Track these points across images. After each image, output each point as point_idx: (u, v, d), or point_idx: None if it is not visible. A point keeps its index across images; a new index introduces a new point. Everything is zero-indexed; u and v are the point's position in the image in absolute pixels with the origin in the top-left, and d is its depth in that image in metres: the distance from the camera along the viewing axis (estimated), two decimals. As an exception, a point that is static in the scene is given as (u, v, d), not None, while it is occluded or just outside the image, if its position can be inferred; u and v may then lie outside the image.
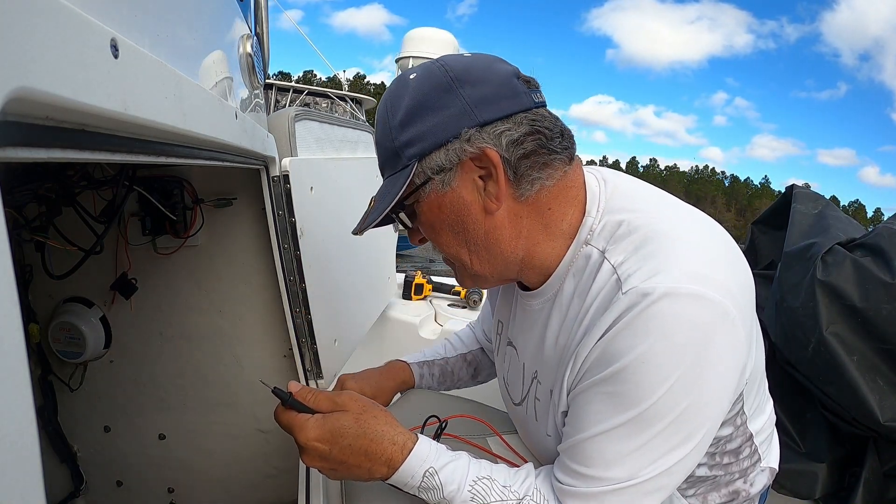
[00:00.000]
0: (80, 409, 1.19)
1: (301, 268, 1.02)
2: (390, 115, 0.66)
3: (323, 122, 1.26)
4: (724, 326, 0.57)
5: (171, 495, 1.27)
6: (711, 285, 0.57)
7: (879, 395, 1.18)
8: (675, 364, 0.57)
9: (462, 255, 0.70)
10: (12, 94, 0.22)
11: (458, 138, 0.63)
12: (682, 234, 0.63)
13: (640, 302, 0.57)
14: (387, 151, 0.67)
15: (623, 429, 0.60)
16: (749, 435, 0.75)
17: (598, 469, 0.62)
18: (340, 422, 0.66)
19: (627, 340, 0.58)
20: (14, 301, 0.22)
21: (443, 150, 0.64)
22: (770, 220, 1.71)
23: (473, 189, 0.65)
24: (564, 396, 0.68)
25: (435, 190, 0.65)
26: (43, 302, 1.12)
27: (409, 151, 0.65)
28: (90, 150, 0.33)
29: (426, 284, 2.09)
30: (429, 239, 0.72)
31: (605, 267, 0.63)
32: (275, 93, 10.53)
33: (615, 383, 0.59)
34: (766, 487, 0.85)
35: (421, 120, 0.64)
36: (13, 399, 0.21)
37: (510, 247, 0.68)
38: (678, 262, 0.58)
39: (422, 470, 0.65)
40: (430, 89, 0.64)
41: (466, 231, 0.67)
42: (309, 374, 1.13)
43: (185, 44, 0.57)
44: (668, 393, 0.57)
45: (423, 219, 0.69)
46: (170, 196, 1.05)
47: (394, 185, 0.66)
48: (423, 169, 0.65)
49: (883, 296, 1.19)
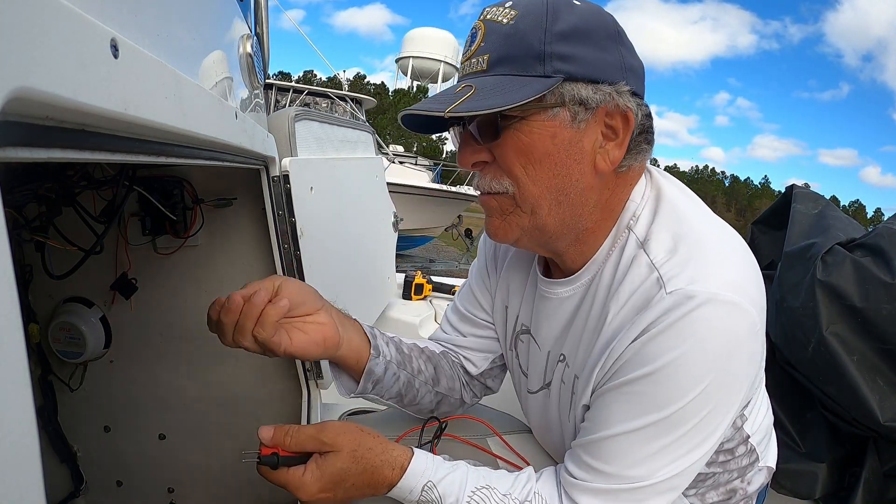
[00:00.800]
0: (80, 409, 1.19)
1: (301, 268, 1.02)
2: (551, 17, 0.59)
3: (323, 122, 1.26)
4: (752, 337, 0.59)
5: (171, 495, 1.27)
6: (746, 296, 0.58)
7: (879, 395, 1.18)
8: (707, 370, 0.57)
9: (541, 198, 0.63)
10: (12, 94, 0.22)
11: (614, 86, 0.61)
12: (718, 241, 0.63)
13: (684, 304, 0.57)
14: (526, 48, 0.59)
15: (648, 430, 0.60)
16: (745, 436, 0.76)
17: (618, 467, 0.62)
18: (337, 466, 0.64)
19: (665, 342, 0.57)
20: (14, 301, 0.22)
21: (592, 87, 0.60)
22: (770, 220, 1.71)
23: (595, 139, 0.62)
24: (589, 391, 0.67)
25: (562, 119, 0.60)
26: (43, 302, 1.12)
27: (558, 64, 0.59)
28: (90, 150, 0.33)
29: (426, 284, 2.09)
30: (503, 166, 0.63)
31: (643, 260, 0.62)
32: (275, 93, 10.52)
33: (647, 384, 0.59)
34: (764, 486, 0.85)
35: (584, 45, 0.60)
36: (13, 399, 0.21)
37: (589, 212, 0.66)
38: (717, 269, 0.59)
39: (419, 485, 0.65)
40: (600, 26, 0.61)
41: (569, 176, 0.62)
42: (309, 374, 1.13)
43: (185, 44, 0.57)
44: (698, 397, 0.58)
45: (520, 141, 0.61)
46: (170, 196, 1.05)
47: (522, 86, 0.58)
48: (563, 91, 0.59)
49: (883, 296, 1.19)
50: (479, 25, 0.63)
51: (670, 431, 0.60)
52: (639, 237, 0.65)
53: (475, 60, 0.62)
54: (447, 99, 0.60)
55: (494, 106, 0.57)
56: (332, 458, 0.64)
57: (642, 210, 0.66)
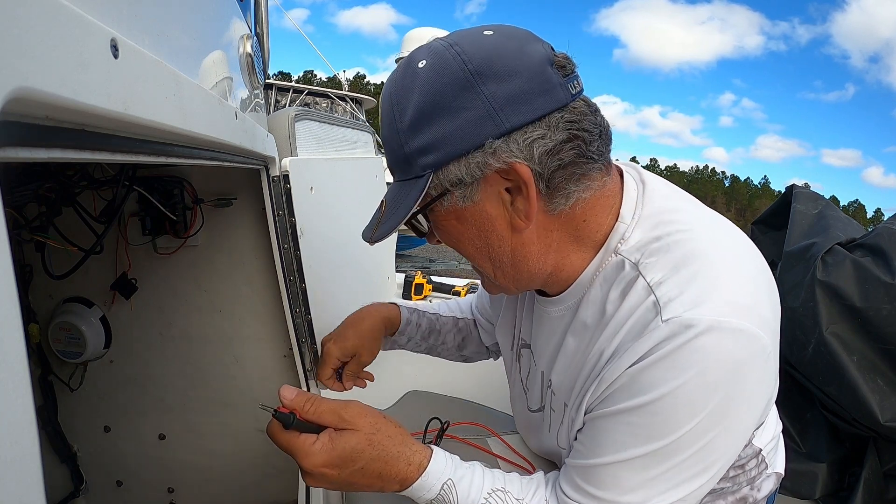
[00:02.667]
0: (80, 409, 1.19)
1: (301, 268, 1.02)
2: (397, 113, 0.57)
3: (323, 122, 1.26)
4: (760, 362, 0.55)
5: (171, 495, 1.27)
6: (754, 318, 0.54)
7: (879, 396, 1.18)
8: (706, 401, 0.54)
9: (485, 267, 0.64)
10: (12, 94, 0.22)
11: (481, 149, 0.54)
12: (722, 254, 0.58)
13: (682, 334, 0.52)
14: (396, 155, 0.59)
15: (643, 459, 0.57)
16: (757, 450, 0.73)
17: (612, 494, 0.60)
18: (351, 444, 0.60)
19: (663, 373, 0.54)
20: (14, 301, 0.22)
21: (462, 163, 0.55)
22: (770, 220, 1.71)
23: (499, 203, 0.58)
24: (581, 415, 0.64)
25: (453, 203, 0.58)
26: (43, 302, 1.12)
27: (422, 160, 0.56)
28: (90, 150, 0.33)
29: (426, 284, 2.09)
30: (449, 246, 0.66)
31: (640, 284, 0.57)
32: (275, 93, 10.52)
33: (642, 415, 0.56)
34: (773, 492, 0.84)
35: (435, 124, 0.55)
36: (13, 399, 0.21)
37: (538, 262, 0.62)
38: (721, 289, 0.54)
39: (439, 483, 0.63)
40: (444, 86, 0.54)
41: (490, 247, 0.61)
42: (309, 374, 1.13)
43: (185, 44, 0.57)
44: (695, 428, 0.55)
45: (441, 227, 0.63)
46: (170, 196, 1.05)
47: (407, 194, 0.58)
48: (439, 181, 0.57)
49: (883, 296, 1.19)
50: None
51: (666, 460, 0.57)
52: (632, 260, 0.59)
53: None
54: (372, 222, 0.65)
55: (396, 223, 0.59)
56: (347, 434, 0.61)
57: (632, 231, 0.61)
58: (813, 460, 1.31)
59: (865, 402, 1.18)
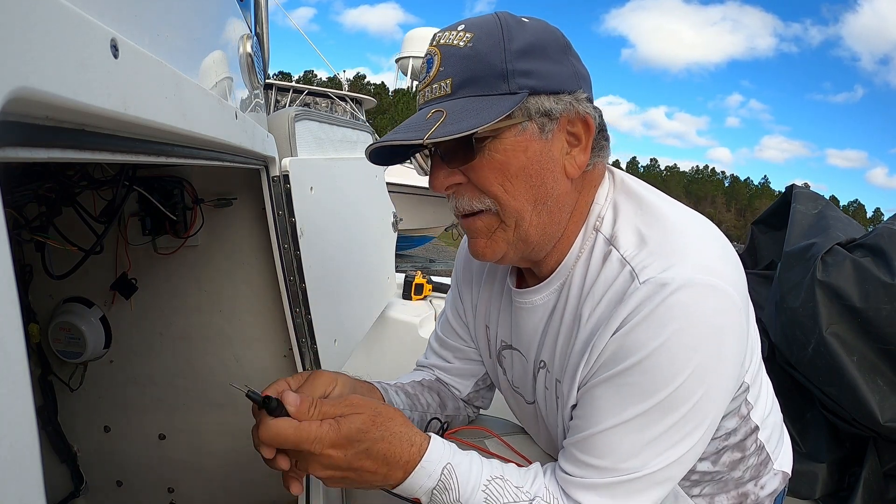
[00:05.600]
0: (80, 409, 1.19)
1: (301, 268, 1.02)
2: (506, 37, 0.61)
3: (323, 122, 1.26)
4: (734, 317, 0.60)
5: (171, 495, 1.27)
6: (722, 277, 0.59)
7: (879, 396, 1.18)
8: (692, 354, 0.58)
9: (524, 209, 0.64)
10: (12, 94, 0.22)
11: (573, 94, 0.63)
12: (688, 228, 0.64)
13: (659, 292, 0.58)
14: (488, 69, 0.61)
15: (639, 419, 0.60)
16: (753, 427, 0.75)
17: (611, 461, 0.62)
18: (356, 424, 0.61)
19: (646, 331, 0.58)
20: (14, 301, 0.22)
21: (554, 98, 0.62)
22: (770, 220, 1.71)
23: (562, 146, 0.65)
24: (574, 391, 0.67)
25: (531, 132, 0.62)
26: (43, 302, 1.12)
27: (521, 80, 0.61)
28: (90, 150, 0.33)
29: (426, 284, 2.08)
30: (480, 185, 0.64)
31: (614, 257, 0.64)
32: (275, 93, 10.53)
33: (633, 374, 0.60)
34: (779, 493, 0.84)
35: (543, 60, 0.62)
36: (13, 399, 0.21)
37: (566, 217, 0.68)
38: (690, 255, 0.60)
39: (440, 467, 0.63)
40: (551, 41, 0.64)
41: (544, 186, 0.64)
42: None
43: (185, 44, 0.57)
44: (686, 382, 0.58)
45: (495, 160, 0.62)
46: (170, 196, 1.05)
47: (489, 106, 0.60)
48: (528, 105, 0.61)
49: (883, 296, 1.19)
50: (435, 51, 0.63)
51: (661, 419, 0.60)
52: (606, 236, 0.66)
53: (437, 86, 0.63)
54: (420, 126, 0.60)
55: (470, 128, 0.58)
56: (352, 417, 0.61)
57: (607, 210, 0.68)
58: (813, 460, 1.31)
59: (865, 402, 1.18)
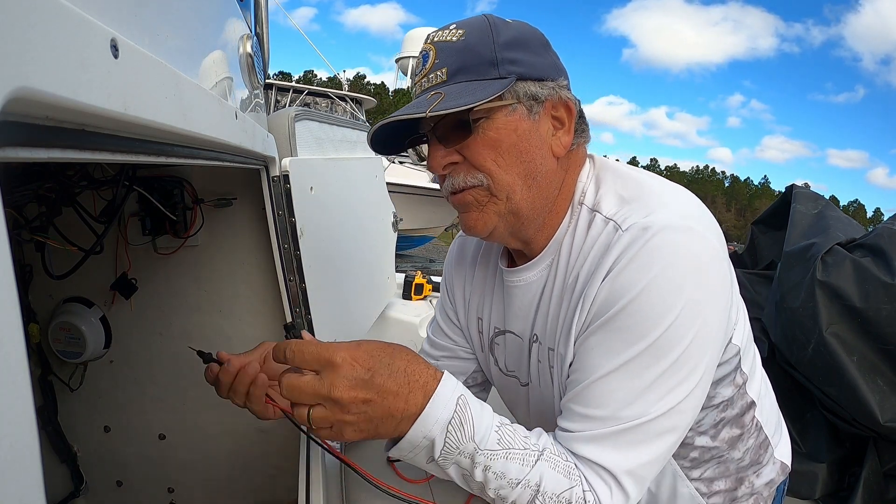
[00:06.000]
0: (80, 409, 1.19)
1: (301, 268, 1.02)
2: (494, 32, 0.68)
3: (323, 122, 1.26)
4: (716, 260, 0.63)
5: (171, 495, 1.27)
6: (700, 223, 0.64)
7: (879, 396, 1.18)
8: (679, 292, 0.60)
9: (514, 184, 0.69)
10: (12, 94, 0.22)
11: (555, 81, 0.70)
12: (665, 187, 0.70)
13: (643, 235, 0.62)
14: (479, 58, 0.67)
15: (634, 363, 0.62)
16: (750, 402, 0.76)
17: (610, 409, 0.62)
18: (373, 344, 0.59)
19: (633, 273, 0.61)
20: (14, 301, 0.22)
21: (539, 84, 0.69)
22: (770, 220, 1.71)
23: (548, 128, 0.71)
24: (570, 349, 0.69)
25: (520, 113, 0.68)
26: (43, 302, 1.12)
27: (509, 67, 0.67)
28: (90, 150, 0.33)
29: (426, 284, 2.09)
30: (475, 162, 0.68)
31: (598, 219, 0.69)
32: (275, 93, 10.52)
33: (624, 317, 0.62)
34: (778, 485, 0.85)
35: (526, 52, 0.69)
36: (13, 399, 0.21)
37: (554, 194, 0.73)
38: (668, 204, 0.65)
39: (455, 396, 0.60)
40: (533, 36, 0.71)
41: (533, 161, 0.69)
42: (309, 374, 1.13)
43: (185, 44, 0.57)
44: (676, 322, 0.60)
45: (488, 137, 0.67)
46: (170, 196, 1.05)
47: (482, 88, 0.65)
48: (515, 92, 0.67)
49: (883, 296, 1.19)
50: (430, 48, 0.70)
51: (656, 362, 0.61)
52: (590, 206, 0.72)
53: (433, 75, 0.69)
54: (421, 105, 0.66)
55: (468, 104, 0.63)
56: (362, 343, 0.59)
57: (589, 185, 0.74)
58: (813, 460, 1.31)
59: (865, 402, 1.18)
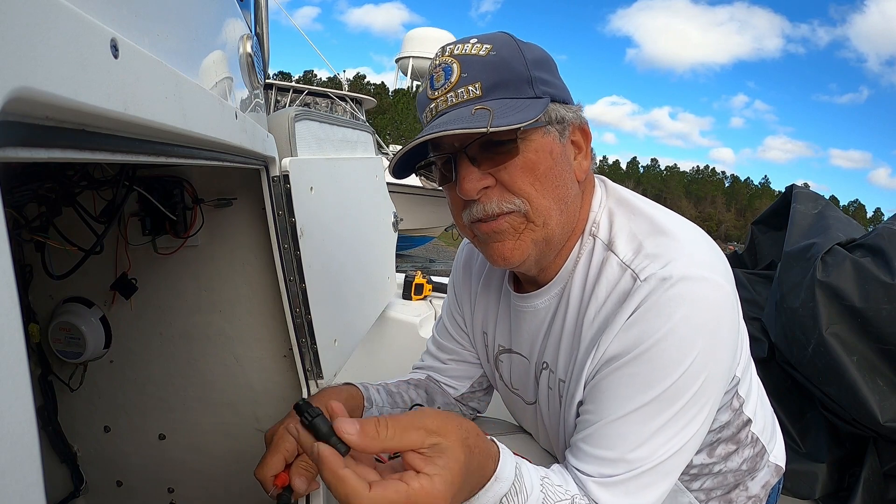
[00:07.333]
0: (80, 409, 1.19)
1: (301, 268, 1.02)
2: (524, 49, 0.67)
3: (323, 122, 1.26)
4: (729, 307, 0.63)
5: (171, 495, 1.27)
6: (716, 272, 0.64)
7: (879, 396, 1.18)
8: (694, 341, 0.60)
9: (552, 208, 0.67)
10: (12, 94, 0.22)
11: (576, 106, 0.71)
12: (678, 231, 0.68)
13: (661, 286, 0.62)
14: (516, 75, 0.65)
15: (647, 408, 0.62)
16: (746, 420, 0.77)
17: (622, 451, 0.63)
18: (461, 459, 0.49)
19: (652, 322, 0.61)
20: (14, 301, 0.22)
21: (565, 107, 0.69)
22: (770, 220, 1.71)
23: (571, 153, 0.71)
24: (581, 387, 0.69)
25: (553, 136, 0.68)
26: (43, 302, 1.12)
27: (543, 87, 0.66)
28: (90, 150, 0.33)
29: (426, 284, 2.08)
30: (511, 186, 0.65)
31: (613, 261, 0.68)
32: (275, 93, 10.53)
33: (639, 364, 0.62)
34: (773, 487, 0.85)
35: (549, 72, 0.68)
36: (13, 399, 0.21)
37: (574, 220, 0.72)
38: (683, 254, 0.64)
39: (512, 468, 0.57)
40: (549, 58, 0.70)
41: (565, 186, 0.69)
42: (309, 374, 1.13)
43: (185, 44, 0.57)
44: (689, 370, 0.61)
45: (527, 159, 0.65)
46: (170, 196, 1.05)
47: (526, 107, 0.63)
48: (548, 112, 0.66)
49: (883, 296, 1.19)
50: (452, 60, 0.66)
51: (668, 407, 0.62)
52: (604, 241, 0.70)
53: (464, 90, 0.64)
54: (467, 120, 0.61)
55: (521, 121, 0.61)
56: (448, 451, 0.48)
57: (601, 216, 0.72)
58: (813, 460, 1.31)
59: (865, 403, 1.18)
